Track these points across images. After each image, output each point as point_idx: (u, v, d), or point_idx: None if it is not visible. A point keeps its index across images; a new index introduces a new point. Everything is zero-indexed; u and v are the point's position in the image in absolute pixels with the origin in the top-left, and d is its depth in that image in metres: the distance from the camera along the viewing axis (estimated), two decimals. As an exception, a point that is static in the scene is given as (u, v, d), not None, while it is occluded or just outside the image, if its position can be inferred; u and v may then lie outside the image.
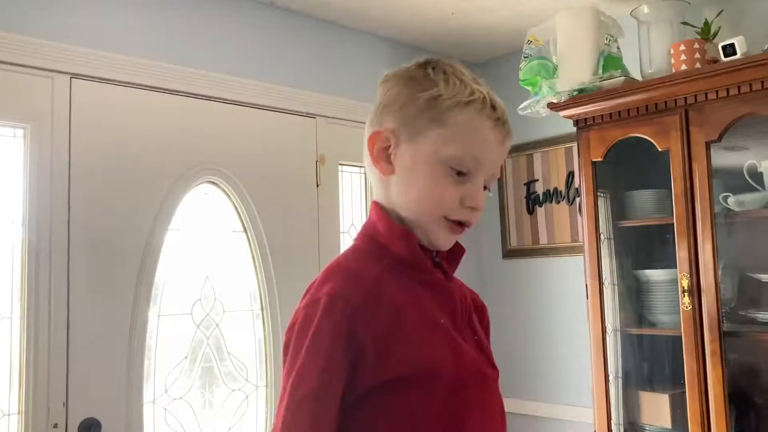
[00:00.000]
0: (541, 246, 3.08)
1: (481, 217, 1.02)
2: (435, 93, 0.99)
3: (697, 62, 2.16)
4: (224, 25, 2.50)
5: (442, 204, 0.98)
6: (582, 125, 2.43)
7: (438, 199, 0.98)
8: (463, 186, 0.98)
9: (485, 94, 1.00)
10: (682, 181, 2.17)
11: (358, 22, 2.84)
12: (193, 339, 2.36)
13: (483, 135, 0.98)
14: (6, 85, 1.99)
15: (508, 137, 1.02)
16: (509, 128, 1.02)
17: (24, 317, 1.97)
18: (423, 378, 0.90)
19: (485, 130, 0.99)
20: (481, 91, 1.00)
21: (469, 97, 0.98)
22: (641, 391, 2.44)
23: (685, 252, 2.15)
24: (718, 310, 2.08)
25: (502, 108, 1.01)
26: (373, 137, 1.04)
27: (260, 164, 2.55)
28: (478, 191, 0.99)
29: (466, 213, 0.99)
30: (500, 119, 1.00)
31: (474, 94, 0.99)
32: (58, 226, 2.04)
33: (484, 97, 1.00)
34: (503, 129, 1.00)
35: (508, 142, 1.02)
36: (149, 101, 2.28)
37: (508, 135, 1.02)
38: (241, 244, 2.52)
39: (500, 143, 1.00)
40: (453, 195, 0.97)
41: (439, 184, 0.97)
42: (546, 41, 2.45)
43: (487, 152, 0.99)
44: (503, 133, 1.00)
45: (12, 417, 1.96)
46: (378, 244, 1.00)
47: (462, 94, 0.99)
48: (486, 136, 0.99)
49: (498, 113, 1.00)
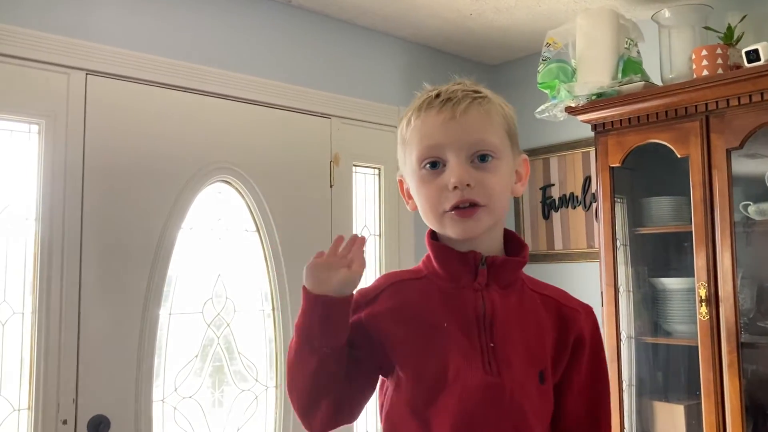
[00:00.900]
0: (557, 251, 3.05)
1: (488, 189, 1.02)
2: (402, 122, 1.10)
3: (720, 68, 2.12)
4: (240, 23, 2.49)
5: (431, 200, 1.04)
6: (600, 130, 2.40)
7: (427, 199, 1.04)
8: (440, 177, 1.03)
9: (433, 93, 1.06)
10: (701, 188, 2.13)
11: (374, 22, 2.82)
12: (204, 338, 2.36)
13: (429, 123, 1.04)
14: (22, 81, 2.00)
15: (456, 109, 1.02)
16: (458, 101, 1.03)
17: (35, 313, 1.97)
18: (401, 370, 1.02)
19: (429, 119, 1.04)
20: (430, 93, 1.07)
21: (415, 106, 1.07)
22: (656, 401, 2.40)
23: (703, 261, 2.11)
24: (736, 321, 2.04)
25: (450, 90, 1.05)
26: (400, 185, 1.16)
27: (274, 164, 2.54)
28: (452, 171, 1.01)
29: (454, 195, 1.01)
30: (444, 100, 1.03)
31: (421, 99, 1.07)
32: (71, 223, 2.04)
33: (428, 97, 1.06)
34: (448, 105, 1.02)
35: (463, 114, 1.02)
36: (164, 99, 2.28)
37: (454, 108, 1.02)
38: (254, 243, 2.51)
39: (449, 119, 1.02)
40: (433, 188, 1.03)
41: (422, 187, 1.05)
42: (565, 44, 2.42)
43: (437, 135, 1.02)
44: (448, 108, 1.02)
45: (22, 412, 1.96)
46: (427, 260, 1.11)
47: (412, 107, 1.08)
48: (431, 123, 1.03)
49: (441, 97, 1.04)
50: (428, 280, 1.07)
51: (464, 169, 1.00)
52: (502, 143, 1.05)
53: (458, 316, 1.02)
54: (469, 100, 1.03)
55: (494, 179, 1.02)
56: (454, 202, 1.01)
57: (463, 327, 1.02)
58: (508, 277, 1.07)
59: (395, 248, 2.89)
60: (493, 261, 1.05)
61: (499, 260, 1.06)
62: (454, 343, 1.01)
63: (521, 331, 1.04)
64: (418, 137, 1.05)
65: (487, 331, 1.02)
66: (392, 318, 1.04)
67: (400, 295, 1.06)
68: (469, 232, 1.02)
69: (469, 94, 1.04)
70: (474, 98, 1.04)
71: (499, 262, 1.05)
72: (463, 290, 1.04)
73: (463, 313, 1.02)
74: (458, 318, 1.02)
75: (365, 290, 1.09)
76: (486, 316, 1.03)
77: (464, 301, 1.03)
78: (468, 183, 1.00)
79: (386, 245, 2.88)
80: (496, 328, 1.02)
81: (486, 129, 1.03)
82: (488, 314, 1.03)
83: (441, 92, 1.05)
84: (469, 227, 1.02)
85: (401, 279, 1.09)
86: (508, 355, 1.01)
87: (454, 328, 1.02)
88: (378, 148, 2.88)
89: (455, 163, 1.01)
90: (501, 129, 1.06)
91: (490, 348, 1.01)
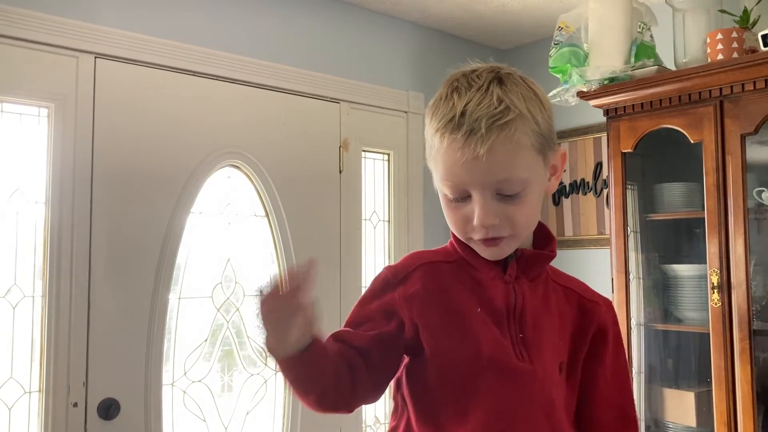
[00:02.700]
0: (567, 238, 3.03)
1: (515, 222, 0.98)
2: (428, 125, 1.02)
3: (735, 52, 2.09)
4: (249, 7, 2.47)
5: (456, 225, 1.02)
6: (612, 115, 2.37)
7: (453, 223, 1.03)
8: (465, 207, 0.99)
9: (458, 110, 0.95)
10: (714, 174, 2.11)
11: (384, 7, 2.79)
12: (213, 322, 2.36)
13: (451, 159, 0.96)
14: (31, 64, 1.99)
15: (479, 148, 0.93)
16: (481, 136, 0.93)
17: (46, 296, 1.98)
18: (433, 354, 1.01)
19: (452, 153, 0.95)
20: (455, 106, 0.96)
21: (441, 121, 0.97)
22: (666, 388, 2.39)
23: (715, 247, 2.09)
24: (748, 308, 2.02)
25: (474, 117, 0.94)
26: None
27: (283, 149, 2.53)
28: (474, 210, 0.97)
29: (479, 231, 0.98)
30: (467, 132, 0.93)
31: (447, 116, 0.97)
32: (80, 206, 2.05)
33: (453, 116, 0.95)
34: (471, 142, 0.93)
35: (488, 154, 0.93)
36: (173, 83, 2.27)
37: (477, 147, 0.93)
38: (263, 228, 2.51)
39: (472, 159, 0.93)
40: (456, 218, 1.01)
41: (447, 209, 1.03)
42: (577, 28, 2.39)
43: (460, 174, 0.96)
44: (471, 146, 0.93)
45: (33, 395, 1.97)
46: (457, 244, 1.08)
47: (439, 118, 0.98)
48: (454, 159, 0.95)
49: (465, 127, 0.94)
50: (459, 265, 1.06)
51: (488, 209, 0.96)
52: (533, 169, 0.98)
53: (490, 306, 1.02)
54: (495, 133, 0.93)
55: (521, 212, 0.98)
56: (478, 237, 0.99)
57: (493, 316, 1.01)
58: (536, 270, 1.06)
59: (404, 234, 2.88)
60: (523, 254, 1.04)
61: (528, 253, 1.05)
62: (487, 330, 1.00)
63: (547, 324, 1.05)
64: (442, 167, 0.99)
65: (517, 323, 1.02)
66: (426, 300, 1.02)
67: (432, 277, 1.04)
68: (495, 257, 1.02)
69: (495, 123, 0.93)
70: (501, 127, 0.93)
71: (528, 256, 1.05)
72: (494, 281, 1.03)
73: (494, 303, 1.02)
74: (489, 307, 1.02)
75: (395, 268, 1.07)
76: (516, 308, 1.02)
77: (496, 292, 1.03)
78: (492, 223, 0.97)
79: (395, 231, 2.87)
80: (527, 320, 1.02)
81: (513, 165, 0.95)
82: (519, 306, 1.03)
83: (466, 113, 0.94)
84: (495, 253, 1.02)
85: (432, 260, 1.07)
86: (538, 345, 1.02)
87: (486, 316, 1.01)
88: (387, 134, 2.86)
89: (479, 203, 0.96)
90: (532, 153, 0.98)
91: (520, 338, 1.01)
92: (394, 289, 1.04)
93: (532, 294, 1.05)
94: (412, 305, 1.02)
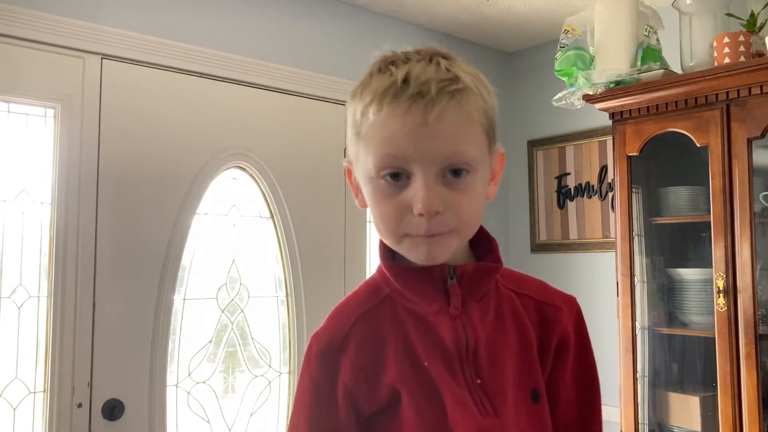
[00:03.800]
0: (571, 241, 3.03)
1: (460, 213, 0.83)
2: (353, 107, 0.86)
3: (742, 55, 2.08)
4: (255, 9, 2.47)
5: (388, 220, 0.83)
6: (618, 118, 2.37)
7: (384, 218, 0.84)
8: (402, 194, 0.82)
9: (399, 77, 0.81)
10: (720, 178, 2.10)
11: (390, 9, 2.79)
12: (218, 324, 2.36)
13: (392, 126, 0.80)
14: (38, 65, 2.00)
15: (429, 112, 0.79)
16: (431, 99, 0.79)
17: (51, 297, 1.98)
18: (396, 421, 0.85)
19: (394, 119, 0.80)
20: (394, 75, 0.82)
21: (375, 93, 0.82)
22: (671, 392, 2.39)
23: (721, 251, 2.08)
24: (754, 312, 2.02)
25: (421, 78, 0.81)
26: (347, 173, 0.93)
27: (289, 151, 2.53)
28: (417, 193, 0.80)
29: (418, 222, 0.81)
30: (414, 95, 0.80)
31: (384, 85, 0.82)
32: (86, 207, 2.05)
33: (393, 83, 0.81)
34: (418, 105, 0.79)
35: (437, 120, 0.79)
36: (180, 84, 2.27)
37: (427, 110, 0.79)
38: (268, 229, 2.51)
39: (420, 125, 0.79)
40: (392, 206, 0.82)
41: (378, 201, 0.84)
42: (583, 31, 2.39)
43: (402, 143, 0.80)
44: (419, 110, 0.79)
45: (38, 395, 1.97)
46: (385, 273, 0.90)
47: (372, 91, 0.83)
48: (396, 126, 0.80)
49: (411, 90, 0.80)
50: (393, 302, 0.88)
51: (434, 192, 0.80)
52: (481, 151, 0.84)
53: (439, 350, 0.85)
54: (446, 98, 0.80)
55: (468, 201, 0.83)
56: (419, 232, 0.82)
57: (445, 363, 0.85)
58: (483, 287, 0.89)
59: (409, 236, 2.88)
60: (463, 272, 0.87)
61: (471, 270, 0.88)
62: (442, 384, 0.84)
63: (507, 353, 0.88)
64: (379, 139, 0.81)
65: (471, 366, 0.86)
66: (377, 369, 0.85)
67: (373, 334, 0.86)
68: (431, 259, 0.83)
69: (445, 87, 0.80)
70: (452, 94, 0.81)
71: (470, 273, 0.87)
72: (439, 317, 0.86)
73: (442, 346, 0.85)
74: (439, 352, 0.85)
75: (327, 335, 0.87)
76: (468, 349, 0.86)
77: (442, 331, 0.86)
78: (437, 210, 0.80)
79: (400, 233, 2.86)
80: (481, 361, 0.86)
81: (464, 137, 0.82)
82: (471, 346, 0.86)
83: (410, 78, 0.81)
84: (432, 254, 0.83)
85: (364, 310, 0.88)
86: (499, 387, 0.86)
87: (438, 366, 0.85)
88: (392, 136, 2.86)
89: (422, 183, 0.80)
90: (480, 131, 0.85)
91: (477, 385, 0.85)
92: (338, 365, 0.85)
93: (483, 322, 0.88)
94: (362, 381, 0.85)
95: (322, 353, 0.86)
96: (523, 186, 3.24)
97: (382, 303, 0.88)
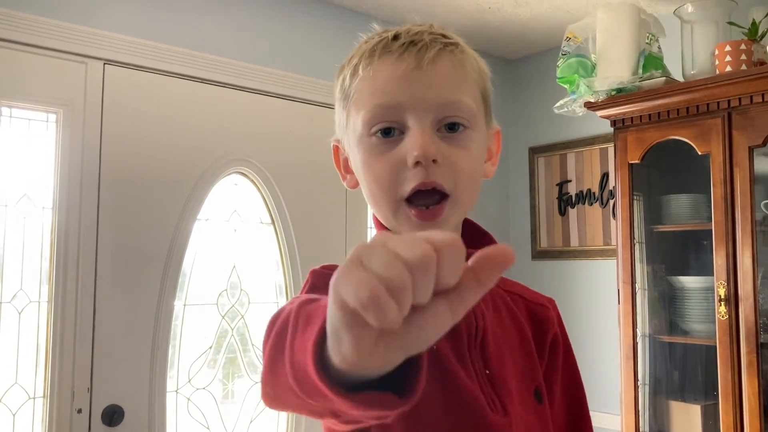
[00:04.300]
0: (572, 248, 3.02)
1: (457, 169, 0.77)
2: (342, 76, 0.84)
3: (743, 64, 2.09)
4: (259, 15, 2.48)
5: (382, 180, 0.77)
6: (619, 126, 2.37)
7: (377, 179, 0.78)
8: (398, 148, 0.77)
9: (389, 35, 0.80)
10: (722, 186, 2.10)
11: (392, 15, 2.80)
12: (218, 329, 2.36)
13: (384, 74, 0.77)
14: (40, 70, 2.00)
15: (423, 57, 0.76)
16: (425, 45, 0.77)
17: (51, 302, 1.98)
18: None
19: (385, 68, 0.77)
20: (384, 35, 0.80)
21: (365, 51, 0.80)
22: (672, 400, 2.38)
23: (723, 259, 2.08)
24: (756, 321, 2.01)
25: (412, 31, 0.79)
26: (334, 153, 0.90)
27: (290, 157, 2.53)
28: (414, 140, 0.75)
29: (414, 174, 0.75)
30: (406, 43, 0.77)
31: (373, 43, 0.80)
32: (87, 212, 2.05)
33: (384, 39, 0.79)
34: (411, 51, 0.76)
35: (431, 64, 0.76)
36: (181, 89, 2.27)
37: (420, 55, 0.76)
38: (269, 236, 2.51)
39: (413, 68, 0.76)
40: (386, 163, 0.77)
41: (371, 161, 0.78)
42: (585, 38, 2.39)
43: (395, 90, 0.76)
44: (412, 55, 0.76)
45: (37, 401, 1.97)
46: None
47: (359, 52, 0.81)
48: (388, 73, 0.77)
49: (402, 39, 0.78)
50: None
51: (430, 138, 0.75)
52: (477, 108, 0.81)
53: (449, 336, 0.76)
54: (438, 46, 0.77)
55: (465, 157, 0.78)
56: (414, 184, 0.75)
57: (454, 348, 0.78)
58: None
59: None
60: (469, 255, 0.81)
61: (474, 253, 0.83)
62: (451, 374, 0.77)
63: (509, 347, 0.84)
64: (369, 92, 0.78)
65: (479, 354, 0.80)
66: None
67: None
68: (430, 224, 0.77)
69: (437, 39, 0.78)
70: (445, 45, 0.78)
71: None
72: None
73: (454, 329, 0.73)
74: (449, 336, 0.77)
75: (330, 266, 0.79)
76: (477, 335, 0.80)
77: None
78: (434, 158, 0.74)
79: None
80: (489, 349, 0.81)
81: (460, 87, 0.78)
82: (480, 331, 0.80)
83: (400, 33, 0.79)
84: (432, 215, 0.77)
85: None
86: (507, 382, 0.81)
87: (447, 352, 0.77)
88: (394, 142, 2.86)
89: (418, 130, 0.75)
90: (476, 89, 0.81)
91: (486, 376, 0.79)
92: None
93: (486, 309, 0.83)
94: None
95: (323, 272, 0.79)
96: (525, 192, 3.24)
97: None
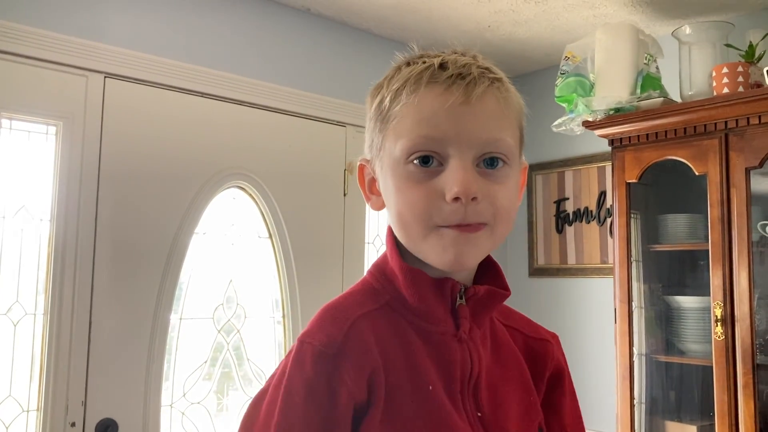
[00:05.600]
0: (569, 266, 3.03)
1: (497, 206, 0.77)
2: (379, 97, 0.82)
3: (740, 86, 2.10)
4: (258, 30, 2.49)
5: (417, 208, 0.76)
6: (617, 145, 2.38)
7: (411, 206, 0.76)
8: (437, 179, 0.76)
9: (435, 63, 0.79)
10: (719, 206, 2.11)
11: (391, 32, 2.82)
12: (214, 343, 2.35)
13: (431, 105, 0.76)
14: (40, 83, 2.00)
15: (471, 92, 0.76)
16: (473, 79, 0.76)
17: (47, 314, 1.97)
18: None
19: (432, 98, 0.76)
20: (426, 61, 0.80)
21: (410, 77, 0.79)
22: (668, 420, 2.37)
23: (719, 280, 2.09)
24: (752, 342, 2.01)
25: (459, 62, 0.78)
26: (359, 172, 0.88)
27: (288, 171, 2.53)
28: (453, 175, 0.74)
29: (452, 209, 0.74)
30: (454, 75, 0.76)
31: (418, 69, 0.79)
32: (85, 225, 2.05)
33: (430, 66, 0.78)
34: (459, 85, 0.76)
35: (479, 101, 0.76)
36: (181, 103, 2.28)
37: (469, 90, 0.76)
38: (266, 250, 2.50)
39: (461, 104, 0.75)
40: (422, 192, 0.75)
41: (405, 187, 0.77)
42: (584, 58, 2.41)
43: (442, 122, 0.75)
44: (460, 89, 0.76)
45: (31, 413, 1.95)
46: (385, 278, 0.81)
47: (402, 77, 0.80)
48: (435, 104, 0.76)
49: (450, 71, 0.77)
50: (392, 311, 0.79)
51: (472, 176, 0.75)
52: (515, 145, 0.81)
53: (444, 375, 0.77)
54: (487, 82, 0.77)
55: (503, 192, 0.78)
56: (452, 221, 0.75)
57: (447, 390, 0.77)
58: (488, 313, 0.83)
59: (407, 258, 2.87)
60: (475, 293, 0.80)
61: (482, 291, 0.80)
62: (444, 415, 0.75)
63: (508, 386, 0.83)
64: (414, 120, 0.76)
65: (471, 397, 0.79)
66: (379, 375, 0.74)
67: (375, 339, 0.75)
68: (459, 263, 0.76)
69: (485, 74, 0.78)
70: (492, 80, 0.78)
71: (481, 295, 0.80)
72: (445, 337, 0.79)
73: (449, 371, 0.78)
74: (443, 377, 0.77)
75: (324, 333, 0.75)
76: (471, 378, 0.79)
77: (450, 355, 0.78)
78: (475, 195, 0.74)
79: (398, 255, 2.86)
80: (481, 393, 0.80)
81: (503, 124, 0.78)
82: (474, 375, 0.79)
83: (447, 63, 0.78)
84: (462, 255, 0.75)
85: (364, 312, 0.77)
86: (504, 423, 0.81)
87: (440, 392, 0.76)
88: (392, 158, 2.87)
89: (460, 166, 0.74)
90: (516, 126, 0.82)
91: (477, 419, 0.79)
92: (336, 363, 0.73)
93: (484, 351, 0.82)
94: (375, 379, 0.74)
95: (320, 353, 0.73)
96: (522, 210, 3.25)
97: (381, 309, 0.79)
